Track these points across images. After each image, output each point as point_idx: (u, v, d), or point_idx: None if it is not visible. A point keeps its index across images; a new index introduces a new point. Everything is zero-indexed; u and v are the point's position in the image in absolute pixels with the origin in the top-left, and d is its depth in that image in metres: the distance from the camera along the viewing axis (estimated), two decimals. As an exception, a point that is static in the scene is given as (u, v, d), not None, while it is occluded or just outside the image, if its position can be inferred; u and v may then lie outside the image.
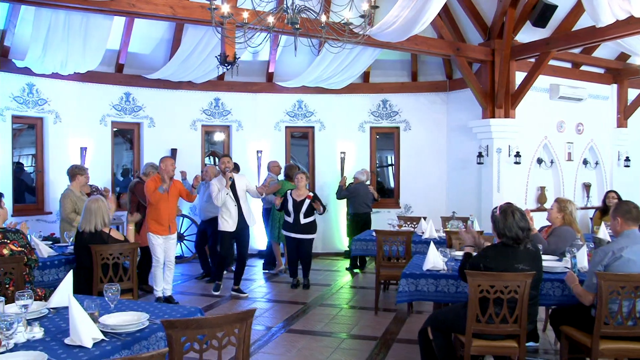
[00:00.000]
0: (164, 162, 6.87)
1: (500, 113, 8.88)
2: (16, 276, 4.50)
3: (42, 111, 8.69)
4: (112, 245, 5.21)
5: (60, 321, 3.32)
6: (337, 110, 10.43)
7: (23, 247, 4.62)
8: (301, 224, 7.80)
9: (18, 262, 4.48)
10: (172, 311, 3.56)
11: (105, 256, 5.17)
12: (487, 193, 9.15)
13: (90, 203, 5.31)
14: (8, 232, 4.60)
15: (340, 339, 5.74)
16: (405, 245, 6.49)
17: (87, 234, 5.23)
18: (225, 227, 7.27)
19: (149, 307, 3.63)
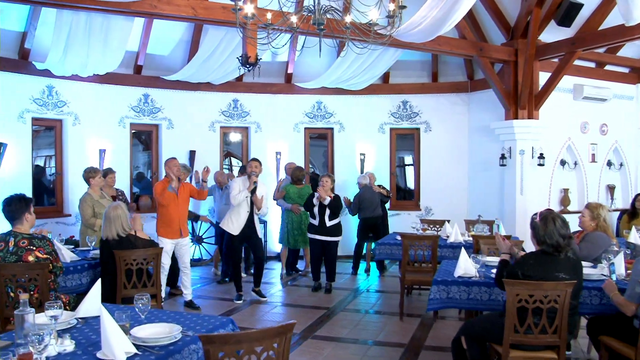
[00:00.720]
0: (168, 164, 6.74)
1: (523, 114, 8.69)
2: (41, 283, 4.40)
3: (62, 113, 8.62)
4: (136, 251, 5.11)
5: (90, 332, 3.20)
6: (356, 111, 10.28)
7: (49, 254, 4.52)
8: (327, 227, 7.68)
9: (43, 268, 4.38)
10: (203, 321, 3.43)
11: (129, 262, 5.06)
12: (510, 195, 8.96)
13: (109, 210, 5.21)
14: (34, 238, 4.50)
15: (367, 346, 5.60)
16: (431, 250, 6.33)
17: (112, 241, 5.13)
18: (229, 228, 7.11)
19: (179, 318, 3.51)
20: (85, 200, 6.61)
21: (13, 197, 4.56)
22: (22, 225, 4.54)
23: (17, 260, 4.38)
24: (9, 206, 4.49)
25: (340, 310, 6.91)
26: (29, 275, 4.38)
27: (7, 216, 4.53)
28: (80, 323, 3.34)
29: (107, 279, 5.14)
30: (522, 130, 8.71)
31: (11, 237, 4.46)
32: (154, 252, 5.21)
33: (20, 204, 4.52)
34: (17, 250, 4.40)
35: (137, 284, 5.13)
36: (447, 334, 5.91)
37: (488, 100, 9.43)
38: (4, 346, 2.92)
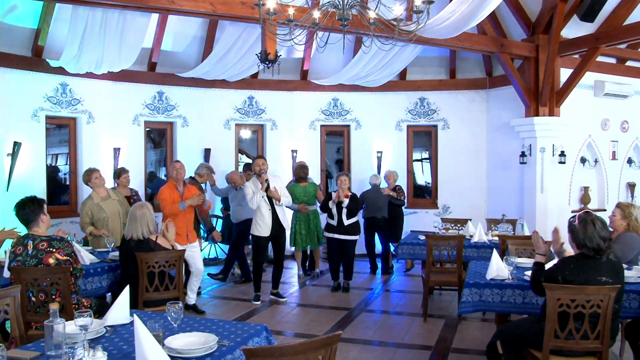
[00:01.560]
0: (173, 168, 6.50)
1: (544, 111, 8.49)
2: (63, 287, 4.27)
3: (76, 111, 8.48)
4: (158, 253, 4.96)
5: (120, 342, 3.05)
6: (373, 108, 10.10)
7: (68, 256, 4.39)
8: (345, 225, 7.54)
9: (64, 272, 4.25)
10: (236, 329, 3.28)
11: (152, 264, 4.91)
12: (530, 193, 8.76)
13: (135, 210, 5.06)
14: (53, 240, 4.37)
15: (393, 348, 5.44)
16: (456, 250, 6.17)
17: (133, 241, 4.98)
18: (259, 232, 6.94)
19: (210, 325, 3.36)
20: (85, 205, 6.31)
21: (26, 200, 4.43)
22: (39, 227, 4.41)
23: (37, 264, 4.25)
24: (23, 209, 4.36)
25: (361, 311, 6.77)
26: (51, 279, 4.24)
27: (22, 220, 4.40)
28: (109, 332, 3.20)
29: (128, 281, 4.99)
30: (543, 128, 8.51)
31: (29, 240, 4.33)
32: (176, 254, 5.06)
33: (33, 206, 4.39)
34: (37, 253, 4.27)
35: (160, 287, 4.99)
36: (474, 336, 5.77)
37: (507, 97, 9.23)
38: (34, 357, 2.78)
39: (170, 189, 6.45)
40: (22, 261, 4.26)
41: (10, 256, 4.34)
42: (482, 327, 6.11)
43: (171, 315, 3.09)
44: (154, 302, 5.00)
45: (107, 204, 6.35)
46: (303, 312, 6.77)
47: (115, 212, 6.36)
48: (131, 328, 3.27)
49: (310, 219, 8.26)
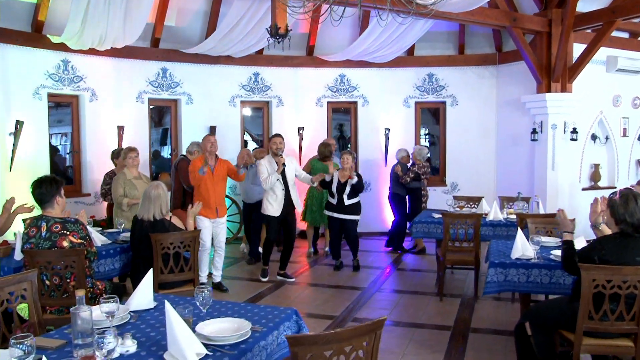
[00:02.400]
0: (203, 141, 6.45)
1: (556, 87, 8.28)
2: (77, 270, 4.10)
3: (78, 89, 8.22)
4: (173, 234, 4.79)
5: (147, 328, 2.89)
6: (380, 84, 9.87)
7: (83, 239, 4.21)
8: (345, 205, 7.37)
9: (79, 255, 4.08)
10: (265, 313, 3.13)
11: (166, 245, 4.74)
12: (540, 171, 8.60)
13: (150, 190, 4.87)
14: (67, 222, 4.18)
15: (412, 329, 5.32)
16: (473, 229, 6.02)
17: (146, 222, 4.80)
18: (269, 211, 6.79)
19: (240, 310, 3.20)
20: (118, 179, 6.37)
21: (44, 179, 4.23)
22: (53, 209, 4.22)
23: (51, 246, 4.07)
24: (39, 188, 4.16)
25: (374, 291, 6.64)
26: (65, 262, 4.07)
27: (37, 199, 4.20)
28: (134, 318, 3.03)
29: (141, 263, 4.83)
30: (555, 104, 8.32)
31: (43, 221, 4.14)
32: (191, 235, 4.89)
33: (51, 186, 4.19)
34: (51, 236, 4.09)
35: (174, 268, 4.82)
36: (491, 316, 5.66)
37: (518, 73, 9.03)
38: (60, 345, 2.62)
39: (199, 161, 6.30)
40: (35, 243, 4.08)
41: (23, 238, 4.16)
42: (497, 306, 6.00)
43: (199, 300, 2.93)
44: (168, 284, 4.86)
45: (138, 183, 6.38)
46: (315, 292, 6.64)
47: (137, 194, 6.28)
48: (155, 313, 3.13)
49: (323, 197, 8.12)
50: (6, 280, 3.21)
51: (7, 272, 4.32)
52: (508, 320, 5.50)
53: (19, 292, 3.27)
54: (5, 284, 3.20)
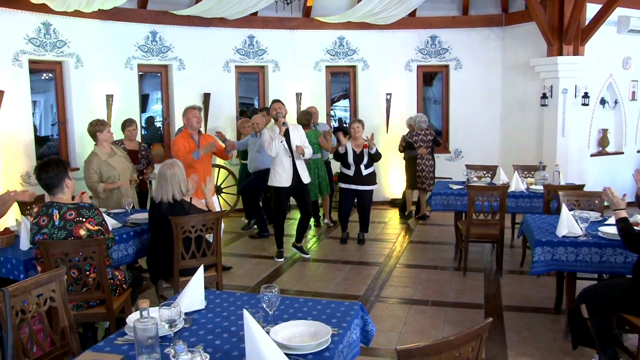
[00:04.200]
0: (186, 116, 5.87)
1: (568, 50, 8.01)
2: (98, 261, 3.74)
3: (62, 54, 7.62)
4: (194, 216, 4.42)
5: (207, 335, 2.57)
6: (381, 47, 9.47)
7: (99, 225, 3.84)
8: (363, 175, 7.09)
9: (100, 244, 3.71)
10: (331, 310, 2.85)
11: (187, 229, 4.38)
12: (550, 138, 8.41)
13: (164, 169, 4.46)
14: (82, 208, 3.78)
15: (443, 308, 5.12)
16: (499, 202, 5.80)
17: (165, 204, 4.42)
18: (279, 181, 6.42)
19: (301, 307, 2.90)
20: (91, 163, 5.57)
21: (48, 162, 3.80)
22: (64, 193, 3.81)
23: (67, 236, 3.68)
24: (46, 173, 3.73)
25: (393, 266, 6.43)
26: (84, 253, 3.69)
27: (44, 184, 3.78)
28: (188, 322, 2.70)
29: (161, 248, 4.47)
30: (567, 68, 8.06)
31: (54, 209, 3.73)
32: (214, 217, 4.53)
33: (58, 168, 3.78)
34: (65, 224, 3.69)
35: (197, 253, 4.48)
36: (521, 292, 5.50)
37: (525, 34, 8.74)
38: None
39: (184, 138, 5.86)
40: (48, 234, 3.68)
41: (33, 228, 3.74)
42: (522, 280, 5.84)
43: (266, 301, 2.60)
44: (189, 270, 4.51)
45: (115, 161, 5.70)
46: (331, 269, 6.38)
47: (125, 169, 5.74)
48: (209, 315, 2.81)
49: (311, 168, 7.78)
50: (34, 281, 2.83)
51: (16, 265, 3.90)
52: (539, 296, 5.36)
53: (47, 294, 2.90)
54: (33, 286, 2.83)
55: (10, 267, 3.95)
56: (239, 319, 2.72)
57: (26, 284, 2.79)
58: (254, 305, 2.90)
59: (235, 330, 2.61)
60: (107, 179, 5.60)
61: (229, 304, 2.96)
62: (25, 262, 3.87)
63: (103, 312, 3.82)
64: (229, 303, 2.98)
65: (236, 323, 2.69)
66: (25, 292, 2.77)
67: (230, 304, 2.97)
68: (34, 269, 3.87)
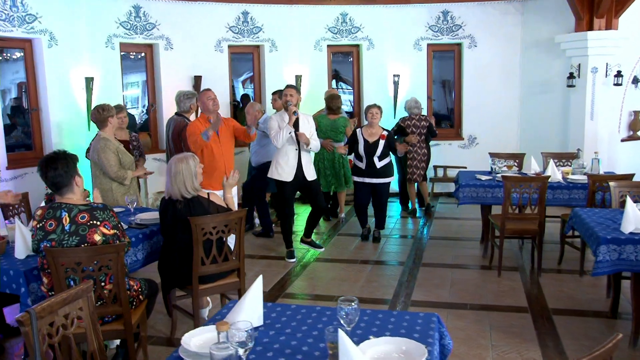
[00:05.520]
0: (201, 100, 5.82)
1: (600, 24, 7.92)
2: (115, 270, 3.51)
3: (32, 31, 7.23)
4: (216, 216, 4.20)
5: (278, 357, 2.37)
6: (388, 24, 9.29)
7: (115, 229, 3.59)
8: (377, 168, 6.94)
9: (118, 251, 3.48)
10: (409, 323, 2.71)
11: (208, 230, 4.15)
12: (577, 122, 8.34)
13: (176, 163, 4.21)
14: (95, 209, 3.53)
15: (485, 312, 5.00)
16: (539, 194, 5.68)
17: (181, 202, 4.18)
18: (280, 175, 6.25)
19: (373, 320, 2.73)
20: (107, 149, 5.34)
21: (54, 157, 3.55)
22: (73, 193, 3.57)
23: (79, 243, 3.44)
24: (53, 170, 3.48)
25: (417, 265, 6.29)
26: (100, 262, 3.44)
27: (52, 183, 3.53)
28: (250, 343, 2.49)
29: (173, 254, 4.24)
30: (598, 44, 7.97)
31: (63, 211, 3.48)
32: (237, 216, 4.31)
33: (67, 164, 3.54)
34: (77, 229, 3.45)
35: (218, 257, 4.26)
36: (565, 294, 5.42)
37: (548, 8, 8.63)
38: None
39: (201, 123, 5.66)
40: (57, 240, 3.43)
41: (38, 234, 3.47)
42: (563, 280, 5.75)
43: (343, 316, 2.41)
44: (210, 277, 4.30)
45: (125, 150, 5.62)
46: (351, 271, 6.21)
47: (130, 162, 5.58)
48: (270, 333, 2.63)
49: (336, 158, 7.63)
50: (61, 299, 2.59)
51: (15, 277, 3.63)
52: (587, 298, 5.27)
53: (74, 313, 2.67)
54: (60, 305, 2.59)
55: (7, 279, 3.68)
56: (307, 337, 2.57)
57: (52, 302, 2.56)
58: (318, 319, 2.75)
59: (307, 350, 2.44)
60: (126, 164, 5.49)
61: (288, 319, 2.78)
62: (26, 274, 3.60)
63: (120, 328, 3.59)
64: (288, 317, 2.80)
65: (305, 342, 2.51)
66: (52, 312, 2.54)
67: (289, 318, 2.79)
68: (36, 280, 3.63)
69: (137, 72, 9.45)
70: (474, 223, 7.90)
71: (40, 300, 3.61)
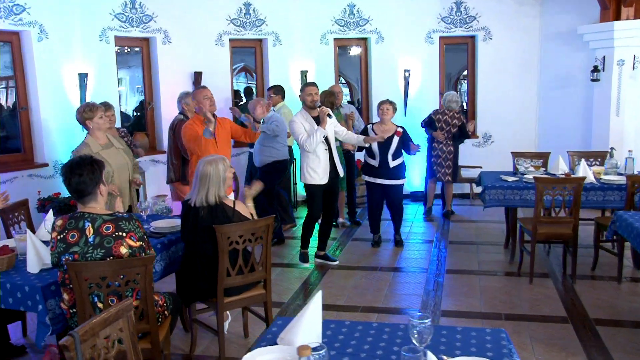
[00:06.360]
0: (197, 96, 5.69)
1: (628, 13, 7.90)
2: (143, 285, 3.41)
3: (20, 22, 7.07)
4: (242, 224, 4.10)
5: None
6: (398, 16, 9.26)
7: (141, 241, 3.49)
8: (390, 167, 6.89)
9: (146, 264, 3.37)
10: (477, 340, 2.65)
11: (234, 239, 4.06)
12: (601, 118, 8.34)
13: (206, 166, 4.12)
14: (120, 219, 3.43)
15: (524, 323, 4.95)
16: (573, 196, 5.64)
17: (205, 209, 4.08)
18: (314, 179, 6.20)
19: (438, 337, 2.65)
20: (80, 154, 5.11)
21: (82, 163, 3.42)
22: (97, 202, 3.46)
23: (105, 256, 3.33)
24: (79, 176, 3.36)
25: (441, 273, 6.24)
26: (127, 276, 3.34)
27: (75, 190, 3.41)
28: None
29: (197, 263, 4.15)
30: (626, 35, 7.94)
31: (86, 221, 3.37)
32: (264, 224, 4.22)
33: (93, 170, 3.43)
34: (102, 241, 3.34)
35: (244, 268, 4.17)
36: (607, 301, 5.37)
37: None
38: None
39: (197, 124, 5.58)
40: (80, 253, 3.31)
41: (58, 247, 3.35)
42: (600, 287, 5.72)
43: (414, 334, 2.34)
44: (234, 289, 4.21)
45: (110, 154, 5.11)
46: (371, 279, 6.14)
47: (123, 165, 5.21)
48: (331, 353, 2.52)
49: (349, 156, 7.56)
50: (101, 320, 2.49)
51: (30, 293, 3.51)
52: (631, 307, 5.24)
53: (114, 334, 2.57)
54: (101, 326, 2.49)
55: (22, 296, 3.56)
56: (372, 357, 2.50)
57: (94, 323, 2.45)
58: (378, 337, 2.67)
59: (378, 372, 2.36)
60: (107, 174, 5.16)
61: (346, 337, 2.71)
62: (44, 290, 3.48)
63: (147, 347, 3.48)
64: (345, 335, 2.72)
65: (373, 363, 2.43)
66: (93, 335, 2.44)
67: (347, 336, 2.72)
68: (54, 297, 3.52)
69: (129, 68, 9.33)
70: (493, 226, 7.91)
71: (59, 319, 3.55)
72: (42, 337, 3.47)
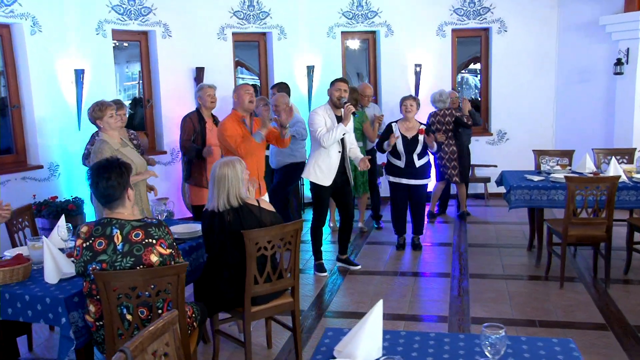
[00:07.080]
0: (246, 91, 5.60)
1: (653, 2, 7.97)
2: (174, 295, 3.35)
3: (12, 15, 6.96)
4: (271, 229, 4.04)
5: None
6: (408, 8, 9.26)
7: (171, 248, 3.44)
8: (416, 167, 6.89)
9: (179, 273, 3.32)
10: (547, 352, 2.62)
11: (263, 245, 4.00)
12: (624, 113, 8.38)
13: (222, 167, 4.05)
14: (150, 226, 3.37)
15: (560, 330, 4.93)
16: (607, 196, 5.63)
17: (230, 213, 4.01)
18: (318, 178, 6.15)
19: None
20: (103, 151, 4.95)
21: (109, 166, 3.35)
22: (125, 207, 3.40)
23: (134, 265, 3.27)
24: (107, 180, 3.29)
25: (467, 277, 6.23)
26: (158, 286, 3.28)
27: (102, 195, 3.34)
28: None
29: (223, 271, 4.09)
30: (652, 25, 8.02)
31: (114, 228, 3.30)
32: (293, 228, 4.17)
33: (122, 174, 3.36)
34: (132, 249, 3.28)
35: (272, 275, 4.11)
36: (639, 302, 5.38)
37: (590, -14, 8.68)
38: None
39: (236, 122, 5.52)
40: (108, 262, 3.25)
41: (84, 255, 3.27)
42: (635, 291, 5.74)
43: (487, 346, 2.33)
44: (262, 297, 4.15)
45: (130, 153, 5.18)
46: (393, 284, 6.12)
47: (142, 165, 5.28)
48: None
49: None
50: (149, 334, 2.43)
51: (52, 306, 3.43)
52: None
53: (161, 350, 2.52)
54: (149, 341, 2.43)
55: (42, 308, 3.47)
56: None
57: (143, 338, 2.40)
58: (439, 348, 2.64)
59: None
60: None
61: (405, 349, 2.67)
62: (67, 301, 3.41)
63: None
64: (403, 347, 2.69)
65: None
66: (142, 350, 2.39)
67: (406, 348, 2.68)
68: (77, 309, 3.45)
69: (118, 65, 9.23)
70: (512, 227, 7.93)
71: (81, 332, 3.48)
72: (66, 353, 3.40)
